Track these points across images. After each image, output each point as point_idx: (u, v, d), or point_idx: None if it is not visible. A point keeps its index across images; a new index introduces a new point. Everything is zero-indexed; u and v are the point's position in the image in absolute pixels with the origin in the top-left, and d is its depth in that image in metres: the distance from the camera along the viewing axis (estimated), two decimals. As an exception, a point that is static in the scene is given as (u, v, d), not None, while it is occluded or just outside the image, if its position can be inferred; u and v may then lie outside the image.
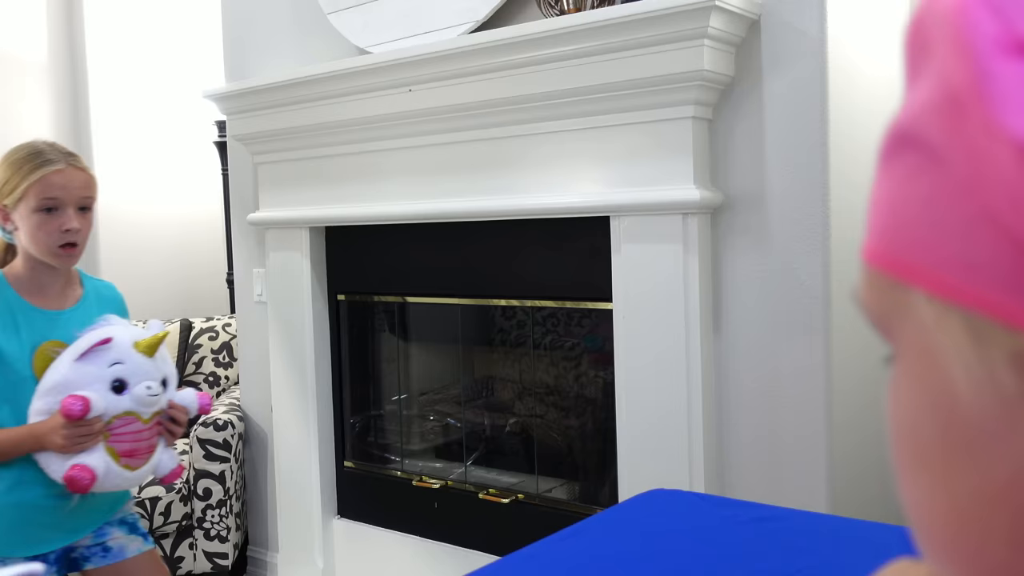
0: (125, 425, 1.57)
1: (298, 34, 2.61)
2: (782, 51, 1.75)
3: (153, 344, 1.60)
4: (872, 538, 1.21)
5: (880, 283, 0.28)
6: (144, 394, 1.57)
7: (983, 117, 0.24)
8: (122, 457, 1.57)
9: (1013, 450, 0.25)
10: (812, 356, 1.75)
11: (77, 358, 1.54)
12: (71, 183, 1.60)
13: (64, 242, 1.60)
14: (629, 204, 1.86)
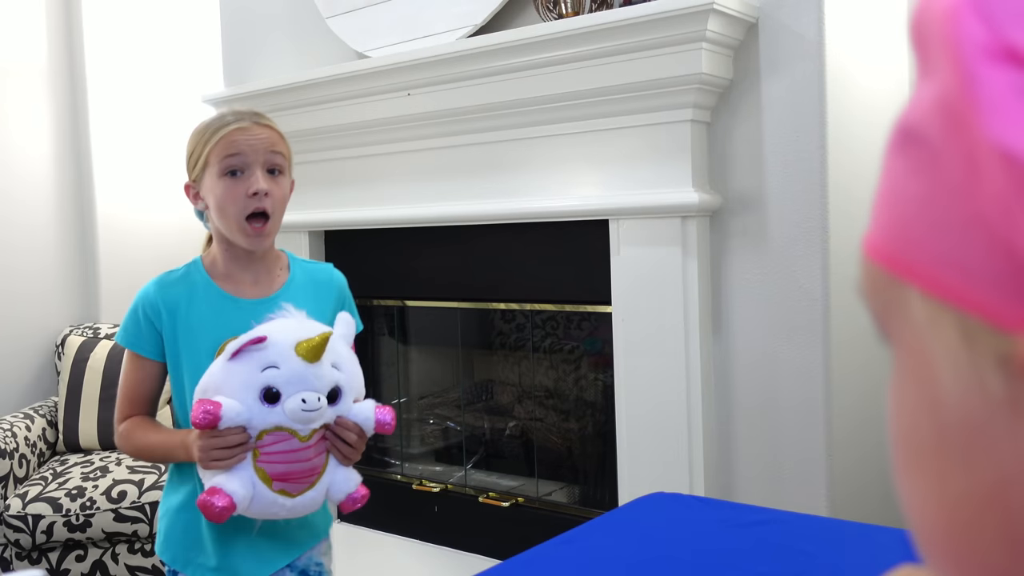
0: (278, 442, 1.28)
1: (297, 39, 2.61)
2: (780, 54, 1.75)
3: (315, 348, 1.29)
4: (873, 541, 1.21)
5: (879, 278, 0.28)
6: (297, 408, 1.27)
7: (971, 124, 0.24)
8: (275, 480, 1.29)
9: (1001, 454, 0.25)
10: (811, 358, 1.75)
11: (229, 358, 1.30)
12: (256, 139, 1.39)
13: (252, 210, 1.36)
14: (628, 207, 1.86)
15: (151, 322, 1.42)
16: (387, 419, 1.37)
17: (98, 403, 3.06)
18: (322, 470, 1.33)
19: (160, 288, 1.44)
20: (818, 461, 1.75)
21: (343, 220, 2.42)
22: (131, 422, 1.46)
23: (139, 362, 1.45)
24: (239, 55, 2.79)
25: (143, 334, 1.44)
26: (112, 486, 2.68)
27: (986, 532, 0.26)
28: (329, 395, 1.31)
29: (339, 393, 1.33)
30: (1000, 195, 0.23)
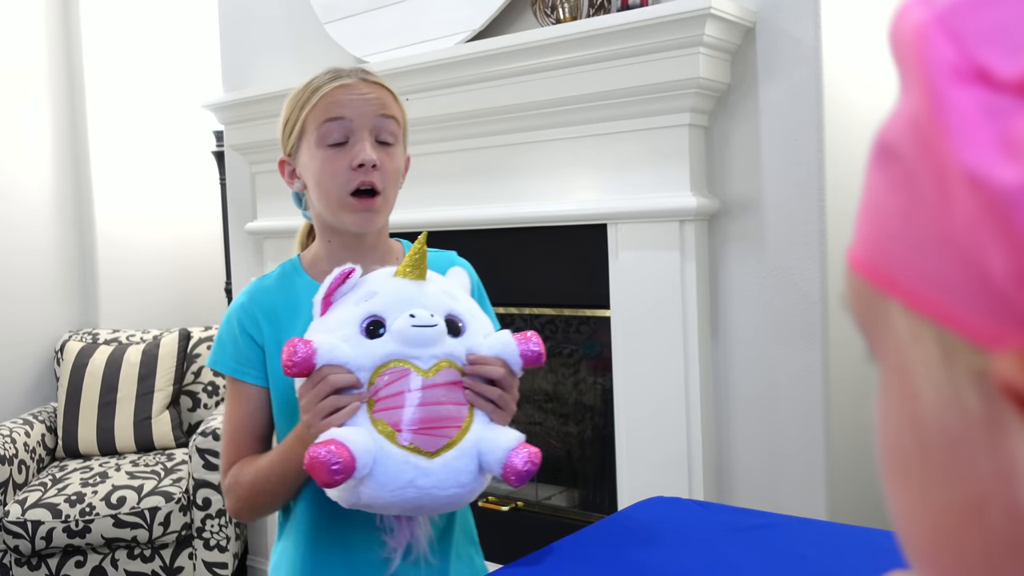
0: (394, 380, 0.98)
1: (295, 44, 2.62)
2: (777, 58, 1.76)
3: (416, 260, 1.04)
4: (872, 544, 1.21)
5: (862, 290, 0.29)
6: (406, 326, 0.98)
7: (939, 144, 0.24)
8: (400, 432, 0.97)
9: (979, 470, 0.25)
10: (810, 361, 1.75)
11: (320, 312, 1.04)
12: (362, 99, 1.12)
13: (357, 185, 1.10)
14: (626, 211, 1.86)
15: (250, 337, 1.13)
16: (535, 347, 1.05)
17: (97, 408, 3.06)
18: (465, 425, 1.00)
19: (254, 296, 1.17)
20: (817, 464, 1.75)
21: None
22: (236, 467, 1.13)
23: (242, 392, 1.14)
24: (238, 62, 2.80)
25: (242, 353, 1.14)
26: (111, 492, 2.68)
27: (967, 545, 0.26)
28: (448, 326, 1.03)
29: (459, 322, 1.04)
30: (969, 218, 0.23)
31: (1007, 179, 0.22)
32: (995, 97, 0.23)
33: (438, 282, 1.08)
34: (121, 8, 3.65)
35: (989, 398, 0.24)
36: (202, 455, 2.68)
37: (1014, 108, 0.23)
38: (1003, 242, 0.22)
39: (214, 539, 2.69)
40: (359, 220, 1.13)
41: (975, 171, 0.23)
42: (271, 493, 1.10)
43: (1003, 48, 0.23)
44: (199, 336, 3.26)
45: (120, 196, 3.65)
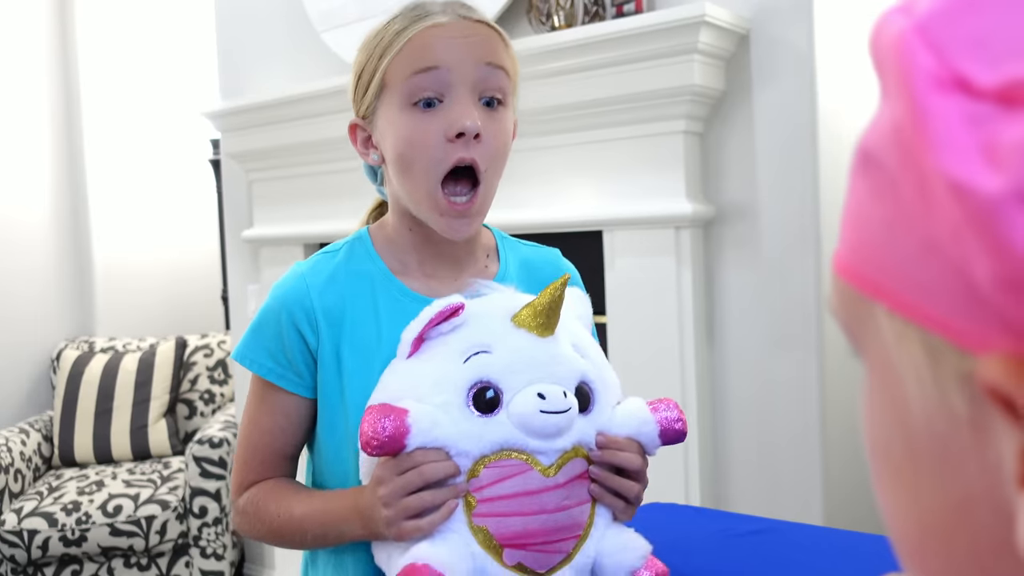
0: (505, 478, 0.77)
1: (291, 52, 2.62)
2: (771, 65, 1.76)
3: (546, 309, 0.80)
4: (867, 550, 1.21)
5: (848, 295, 0.29)
6: (532, 410, 0.77)
7: (921, 152, 0.24)
8: (507, 548, 0.76)
9: (967, 471, 0.25)
10: (805, 367, 1.75)
11: (409, 352, 0.82)
12: (463, 42, 0.86)
13: (453, 163, 0.86)
14: (622, 218, 1.86)
15: (300, 337, 0.90)
16: (678, 425, 0.86)
17: (93, 417, 3.05)
18: (585, 531, 0.81)
19: (314, 284, 0.91)
20: (813, 470, 1.76)
21: (338, 232, 2.42)
22: (259, 488, 0.93)
23: (275, 400, 0.93)
24: (234, 69, 2.80)
25: (286, 354, 0.91)
26: (108, 500, 2.67)
27: (956, 545, 0.26)
28: (577, 395, 0.81)
29: (591, 393, 0.83)
30: (953, 225, 0.24)
31: (990, 187, 0.22)
32: (976, 105, 0.23)
33: (565, 329, 0.83)
34: (118, 16, 3.65)
35: (975, 400, 0.24)
36: (199, 463, 2.68)
37: (995, 116, 0.23)
38: (986, 249, 0.23)
39: (211, 547, 2.69)
40: (449, 227, 0.88)
41: (958, 179, 0.23)
42: (299, 543, 0.91)
43: (983, 57, 0.24)
44: (195, 344, 3.26)
45: (117, 205, 3.65)
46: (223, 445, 2.71)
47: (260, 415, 0.94)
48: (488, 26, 0.89)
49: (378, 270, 0.94)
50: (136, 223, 3.71)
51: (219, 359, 3.24)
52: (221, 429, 2.78)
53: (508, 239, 1.05)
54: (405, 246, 0.95)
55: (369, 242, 0.96)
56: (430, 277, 0.94)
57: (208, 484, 2.68)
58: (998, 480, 0.24)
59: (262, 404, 0.94)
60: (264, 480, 0.94)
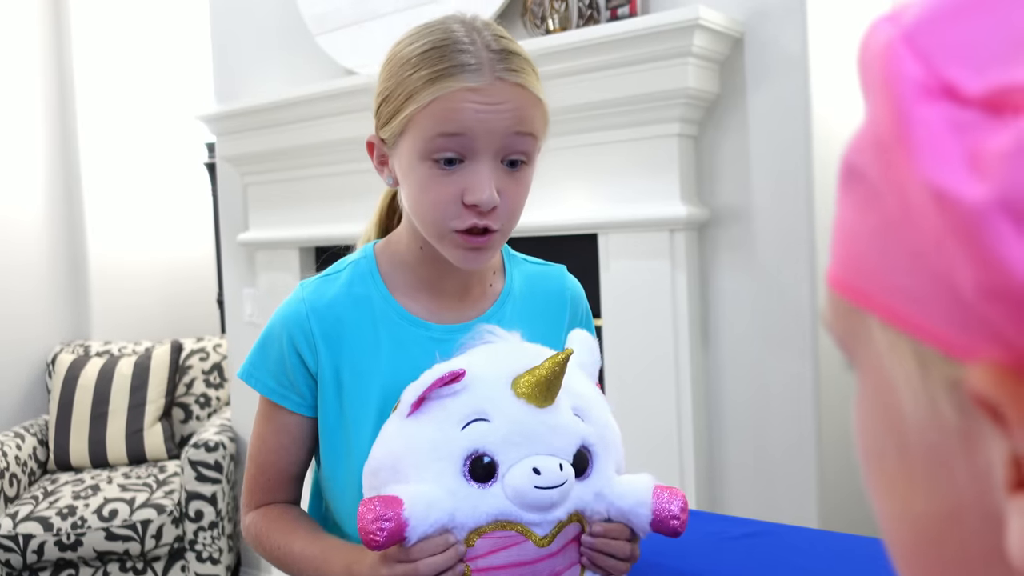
0: (499, 549, 0.78)
1: (286, 56, 2.63)
2: (765, 68, 1.77)
3: (545, 381, 0.80)
4: (863, 552, 1.21)
5: (841, 307, 0.29)
6: (527, 484, 0.77)
7: (904, 161, 0.24)
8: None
9: (957, 478, 0.25)
10: (800, 370, 1.75)
11: (408, 412, 0.82)
12: (494, 113, 0.83)
13: (467, 225, 0.85)
14: (617, 221, 1.87)
15: (300, 360, 0.93)
16: (672, 520, 0.83)
17: (89, 421, 3.05)
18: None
19: (316, 308, 0.93)
20: (808, 472, 1.76)
21: (333, 236, 2.42)
22: (264, 515, 0.97)
23: (278, 419, 0.95)
24: (229, 72, 2.80)
25: (287, 375, 0.94)
26: (103, 504, 2.67)
27: (946, 551, 0.27)
28: (575, 462, 0.81)
29: (589, 458, 0.83)
30: (934, 232, 0.24)
31: (973, 196, 0.22)
32: (962, 113, 0.23)
33: (568, 390, 0.83)
34: (113, 18, 3.65)
35: (964, 408, 0.24)
36: (194, 467, 2.67)
37: (980, 123, 0.23)
38: (970, 258, 0.23)
39: (207, 551, 2.69)
40: (464, 259, 0.87)
41: (942, 187, 0.23)
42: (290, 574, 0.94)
43: (969, 65, 0.24)
44: (191, 348, 3.25)
45: (112, 208, 3.64)
46: (219, 449, 2.71)
47: (266, 433, 0.97)
48: (524, 88, 0.86)
49: (379, 294, 0.94)
50: (131, 226, 3.70)
51: (215, 363, 3.24)
52: (217, 433, 2.78)
53: (515, 256, 1.05)
54: (413, 263, 0.95)
55: (373, 262, 0.97)
56: (433, 297, 0.94)
57: (204, 488, 2.68)
58: (988, 487, 0.24)
59: (268, 423, 0.97)
60: (270, 504, 0.97)
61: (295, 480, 0.99)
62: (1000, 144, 0.22)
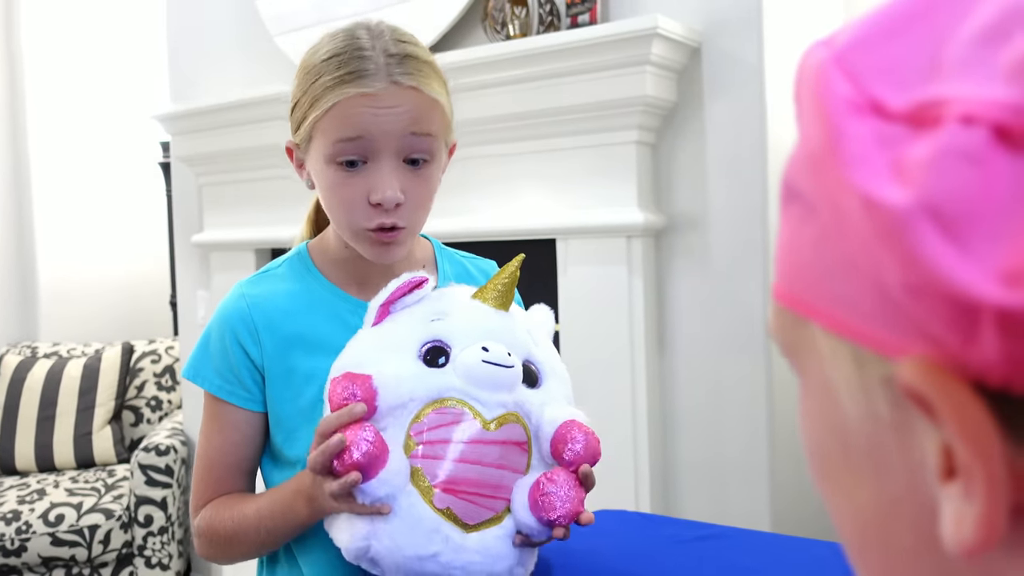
0: (447, 423, 0.80)
1: (244, 56, 2.60)
2: (722, 78, 1.79)
3: (504, 286, 0.87)
4: (814, 555, 1.23)
5: (786, 318, 0.31)
6: (476, 360, 0.81)
7: (836, 173, 0.26)
8: (437, 490, 0.79)
9: (894, 472, 0.27)
10: (753, 374, 1.78)
11: (375, 319, 0.86)
12: (389, 116, 0.87)
13: (375, 224, 0.89)
14: (575, 227, 1.88)
15: (244, 353, 0.94)
16: (580, 442, 0.85)
17: (35, 424, 2.98)
18: (512, 487, 0.84)
19: (256, 301, 0.95)
20: (761, 475, 1.78)
21: (290, 238, 2.39)
22: (213, 504, 0.95)
23: (226, 416, 0.95)
24: (186, 72, 2.77)
25: (232, 370, 0.94)
26: (49, 509, 2.61)
27: (892, 544, 0.28)
28: (524, 373, 0.85)
29: (538, 373, 0.87)
30: (863, 237, 0.25)
31: (897, 201, 0.24)
32: (888, 127, 0.25)
33: (521, 318, 0.89)
34: (65, 16, 3.59)
35: (897, 403, 0.26)
36: (144, 471, 2.63)
37: (905, 137, 0.25)
38: (896, 259, 0.24)
39: (156, 557, 2.64)
40: (377, 254, 0.92)
41: (869, 194, 0.25)
42: (257, 546, 0.93)
43: (894, 83, 0.26)
44: (143, 350, 3.20)
45: (62, 208, 3.57)
46: (170, 453, 2.66)
47: (212, 432, 0.96)
48: (419, 92, 0.89)
49: (318, 283, 0.98)
50: (82, 225, 3.63)
51: (167, 365, 3.19)
52: (168, 436, 2.73)
53: (446, 250, 1.08)
54: (341, 260, 0.98)
55: (308, 258, 1.00)
56: (364, 290, 0.97)
57: (154, 492, 2.63)
58: (923, 478, 0.26)
59: (214, 421, 0.96)
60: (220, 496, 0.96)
61: (245, 476, 0.98)
62: (920, 153, 0.24)
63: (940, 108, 0.24)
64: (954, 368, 0.24)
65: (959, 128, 0.23)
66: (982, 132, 0.23)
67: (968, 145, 0.23)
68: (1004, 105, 0.23)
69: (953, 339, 0.23)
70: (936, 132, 0.24)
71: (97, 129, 3.67)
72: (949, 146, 0.23)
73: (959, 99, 0.24)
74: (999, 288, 0.22)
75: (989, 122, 0.23)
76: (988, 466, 0.23)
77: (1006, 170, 0.22)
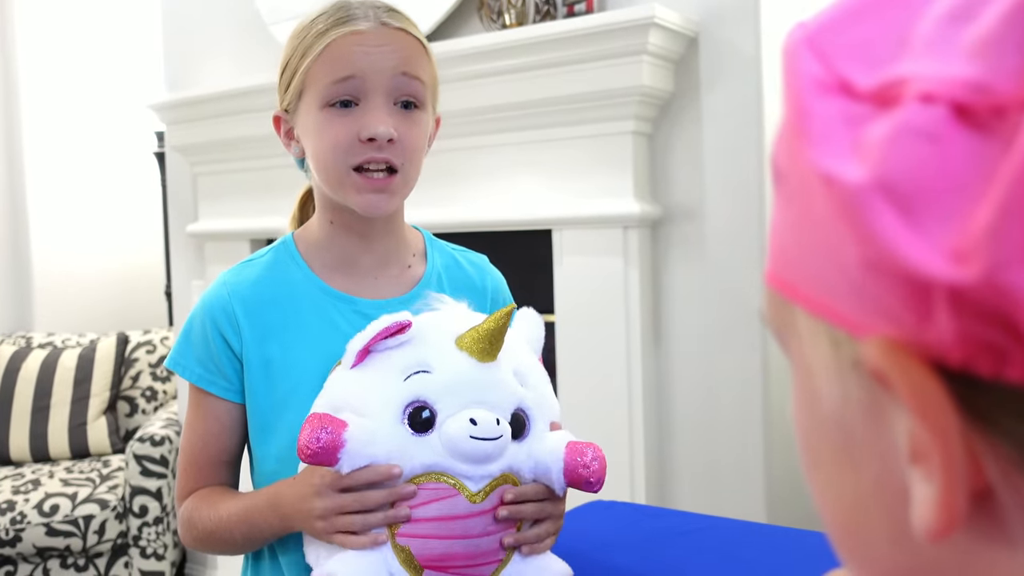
0: (432, 501, 0.78)
1: (239, 44, 2.59)
2: (719, 68, 1.78)
3: (489, 335, 0.81)
4: (809, 546, 1.23)
5: (775, 302, 0.31)
6: (463, 435, 0.78)
7: (803, 152, 0.26)
8: (426, 569, 0.79)
9: (870, 455, 0.27)
10: (750, 366, 1.78)
11: (353, 363, 0.83)
12: (379, 52, 0.88)
13: (364, 159, 0.88)
14: (570, 217, 1.87)
15: (224, 342, 0.93)
16: (584, 462, 0.84)
17: (30, 414, 2.97)
18: (508, 554, 0.82)
19: (236, 289, 0.94)
20: (756, 467, 1.78)
21: (284, 228, 2.39)
22: (194, 497, 0.95)
23: (207, 405, 0.95)
24: (181, 61, 2.75)
25: (212, 359, 0.93)
26: (44, 499, 2.61)
27: (873, 530, 0.28)
28: (512, 424, 0.82)
29: (527, 420, 0.84)
30: (826, 215, 0.26)
31: (852, 177, 0.24)
32: (855, 107, 0.26)
33: (508, 354, 0.84)
34: (60, 3, 3.57)
35: (868, 385, 0.26)
36: (139, 461, 2.63)
37: (870, 115, 0.25)
38: (854, 235, 0.24)
39: (151, 547, 2.64)
40: (367, 202, 0.89)
41: (827, 171, 0.25)
42: (234, 547, 0.93)
43: (863, 63, 0.26)
44: (137, 340, 3.19)
45: (57, 197, 3.56)
46: (165, 443, 2.66)
47: (195, 421, 0.96)
48: (408, 34, 0.91)
49: (301, 272, 0.96)
50: (77, 215, 3.62)
51: (162, 355, 3.18)
52: (163, 427, 2.73)
53: (437, 242, 1.07)
54: (327, 243, 0.97)
55: (293, 246, 0.99)
56: (353, 275, 0.96)
57: (149, 483, 2.63)
58: (896, 463, 0.26)
59: (197, 411, 0.96)
60: (202, 488, 0.96)
61: (227, 467, 0.97)
62: (879, 131, 0.24)
63: (902, 87, 0.24)
64: (915, 349, 0.24)
65: (918, 106, 0.23)
66: (941, 110, 0.23)
67: (926, 123, 0.23)
68: (963, 83, 0.23)
69: (910, 318, 0.23)
70: (896, 110, 0.24)
71: (92, 119, 3.65)
72: (907, 124, 0.23)
73: (920, 77, 0.24)
74: (949, 265, 0.22)
75: (948, 100, 0.23)
76: (945, 446, 0.23)
77: (963, 148, 0.22)
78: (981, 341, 0.22)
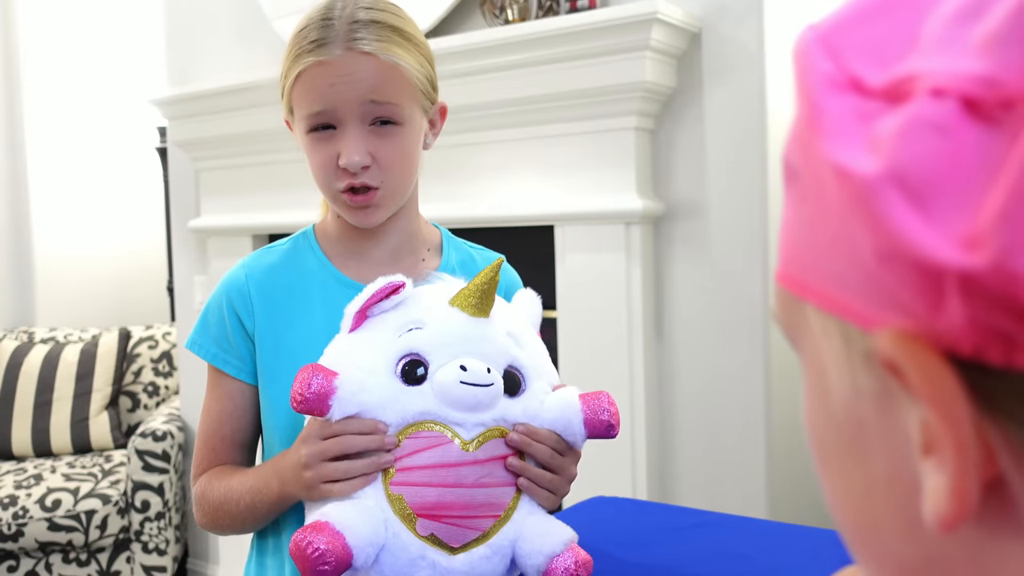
0: (424, 448, 0.79)
1: (241, 39, 2.58)
2: (722, 64, 1.78)
3: (481, 291, 0.82)
4: (810, 543, 1.23)
5: (786, 300, 0.31)
6: (453, 380, 0.79)
7: (816, 148, 0.27)
8: (421, 517, 0.78)
9: (882, 449, 0.28)
10: (752, 363, 1.78)
11: (351, 326, 0.84)
12: (344, 83, 0.88)
13: (345, 184, 0.91)
14: (573, 213, 1.87)
15: (239, 322, 0.95)
16: (604, 416, 0.83)
17: (32, 409, 2.98)
18: (506, 513, 0.81)
19: (253, 272, 0.98)
20: (758, 464, 1.78)
21: (287, 224, 2.39)
22: (208, 474, 0.97)
23: (222, 385, 0.97)
24: (183, 56, 2.75)
25: (228, 339, 0.96)
26: (46, 494, 2.61)
27: (886, 525, 0.28)
28: (506, 381, 0.82)
29: (521, 378, 0.84)
30: (840, 209, 0.26)
31: (865, 169, 0.25)
32: (867, 103, 0.26)
33: (503, 317, 0.85)
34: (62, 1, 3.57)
35: (880, 378, 0.27)
36: (141, 456, 2.63)
37: (881, 111, 0.26)
38: (867, 228, 0.25)
39: (152, 542, 2.64)
40: (356, 219, 0.94)
41: (840, 164, 0.26)
42: (240, 520, 0.93)
43: (875, 60, 0.27)
44: (139, 336, 3.20)
45: (59, 192, 3.56)
46: (167, 438, 2.66)
47: (211, 402, 0.98)
48: (375, 58, 0.89)
49: (318, 261, 0.99)
50: (79, 211, 3.62)
51: (164, 351, 3.18)
52: (165, 422, 2.73)
53: (454, 239, 1.08)
54: (339, 234, 1.00)
55: (312, 237, 1.02)
56: (363, 264, 0.98)
57: (151, 478, 2.63)
58: (909, 455, 0.26)
59: (213, 392, 0.98)
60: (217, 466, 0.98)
61: (242, 448, 0.99)
62: (891, 125, 0.25)
63: (913, 83, 0.25)
64: (927, 339, 0.24)
65: (929, 100, 0.24)
66: (951, 104, 0.23)
67: (937, 116, 0.24)
68: (973, 78, 0.23)
69: (922, 307, 0.24)
70: (907, 105, 0.25)
71: (94, 114, 3.65)
72: (919, 117, 0.24)
73: (931, 73, 0.24)
74: (960, 252, 0.23)
75: (958, 94, 0.23)
76: (957, 435, 0.24)
77: (972, 140, 0.23)
78: (992, 328, 0.23)
